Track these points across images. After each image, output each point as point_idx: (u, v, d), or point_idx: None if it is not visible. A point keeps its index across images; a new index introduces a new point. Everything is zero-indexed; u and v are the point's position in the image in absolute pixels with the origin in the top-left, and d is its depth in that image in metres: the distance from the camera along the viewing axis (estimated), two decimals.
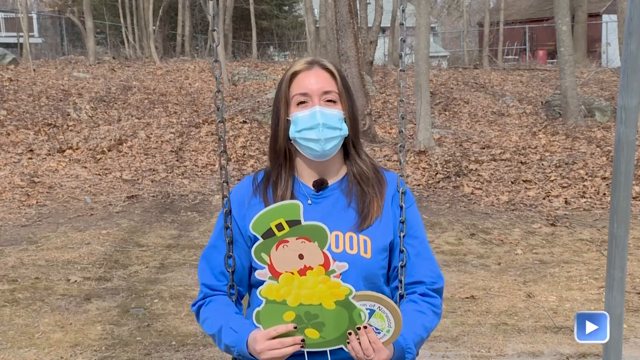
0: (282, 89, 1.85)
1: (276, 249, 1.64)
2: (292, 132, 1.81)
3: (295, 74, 1.84)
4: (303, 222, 1.64)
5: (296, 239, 1.63)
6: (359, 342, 1.65)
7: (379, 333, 1.67)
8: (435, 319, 1.85)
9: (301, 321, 1.65)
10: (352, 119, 1.85)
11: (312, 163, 1.85)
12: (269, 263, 1.64)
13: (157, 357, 4.15)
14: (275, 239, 1.64)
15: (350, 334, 1.64)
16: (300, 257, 1.63)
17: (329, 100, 1.81)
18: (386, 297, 1.68)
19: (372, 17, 18.57)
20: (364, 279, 1.79)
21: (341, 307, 1.63)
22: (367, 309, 1.67)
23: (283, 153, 1.86)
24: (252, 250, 1.65)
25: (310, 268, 1.63)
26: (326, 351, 1.68)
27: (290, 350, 1.64)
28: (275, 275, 1.64)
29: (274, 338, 1.64)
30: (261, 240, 1.65)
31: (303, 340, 1.65)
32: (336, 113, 1.81)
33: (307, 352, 1.69)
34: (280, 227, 1.64)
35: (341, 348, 1.68)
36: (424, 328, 1.81)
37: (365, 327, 1.64)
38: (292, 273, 1.63)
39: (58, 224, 7.31)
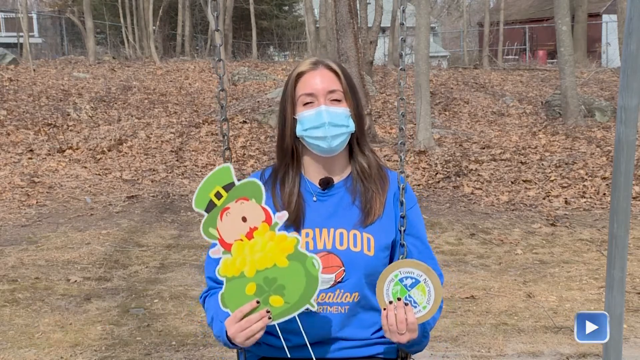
0: (288, 90, 1.89)
1: (221, 219, 1.68)
2: (299, 131, 1.86)
3: (300, 75, 1.88)
4: (236, 183, 1.68)
5: (235, 202, 1.67)
6: (395, 314, 1.70)
7: (416, 307, 1.71)
8: (438, 313, 1.90)
9: (262, 290, 1.68)
10: (357, 116, 1.89)
11: (319, 160, 1.89)
12: (219, 237, 1.68)
13: (157, 357, 4.15)
14: (217, 209, 1.68)
15: (390, 302, 1.69)
16: (244, 219, 1.67)
17: (334, 100, 1.86)
18: (434, 271, 1.71)
19: (372, 17, 18.57)
20: (366, 275, 1.83)
21: (294, 262, 1.67)
22: (412, 278, 1.69)
23: (290, 151, 1.91)
24: (201, 228, 1.70)
25: (256, 228, 1.67)
26: (297, 323, 1.71)
27: (260, 325, 1.67)
28: (227, 247, 1.68)
29: (242, 319, 1.69)
30: (206, 215, 1.69)
31: (269, 312, 1.68)
32: (342, 111, 1.85)
33: (279, 326, 1.71)
34: (218, 195, 1.68)
35: (307, 310, 1.69)
36: (432, 318, 1.86)
37: (406, 305, 1.70)
38: (241, 240, 1.67)
39: (58, 224, 7.31)
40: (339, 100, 1.86)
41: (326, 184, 1.89)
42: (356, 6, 12.02)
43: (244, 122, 12.49)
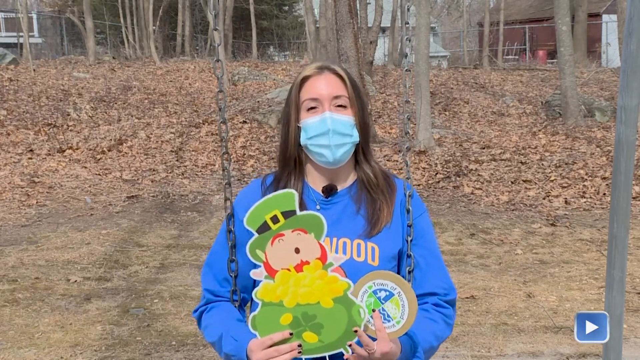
0: (292, 95, 1.83)
1: (272, 244, 1.59)
2: (303, 139, 1.80)
3: (305, 79, 1.82)
4: (298, 212, 1.59)
5: (292, 231, 1.58)
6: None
7: (389, 321, 1.62)
8: (447, 330, 1.82)
9: (299, 324, 1.59)
10: (362, 124, 1.82)
11: (323, 169, 1.83)
12: (265, 260, 1.59)
13: (157, 357, 4.15)
14: (270, 232, 1.59)
15: (356, 331, 1.58)
16: (297, 251, 1.58)
17: (339, 105, 1.79)
18: (408, 284, 1.63)
19: (372, 17, 18.57)
20: None
21: (339, 305, 1.58)
22: (386, 291, 1.61)
23: (293, 160, 1.84)
24: (247, 247, 1.60)
25: (307, 263, 1.58)
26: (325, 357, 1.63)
27: (288, 357, 1.59)
28: (271, 273, 1.59)
29: (270, 346, 1.60)
30: (256, 235, 1.60)
31: (300, 346, 1.59)
32: (347, 119, 1.79)
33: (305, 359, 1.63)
34: (275, 219, 1.59)
35: (340, 352, 1.61)
36: (435, 336, 1.78)
37: (373, 311, 1.60)
38: (289, 270, 1.58)
39: (58, 224, 7.31)
40: (344, 107, 1.79)
41: (329, 191, 1.82)
42: (356, 6, 12.01)
43: (244, 122, 12.49)
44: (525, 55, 29.00)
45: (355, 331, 1.58)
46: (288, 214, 1.59)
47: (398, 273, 1.81)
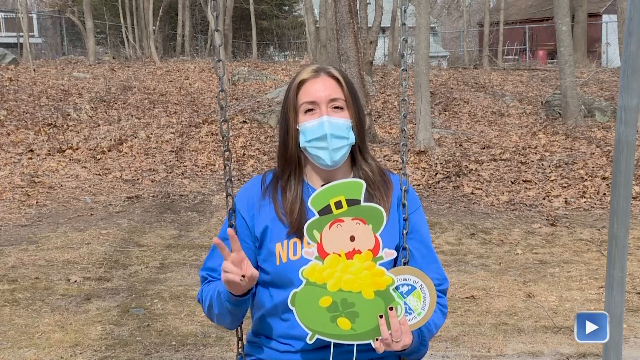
0: (290, 98, 1.86)
1: (329, 228, 1.64)
2: (302, 142, 1.84)
3: (302, 83, 1.86)
4: (362, 203, 1.64)
5: (352, 219, 1.64)
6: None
7: (410, 314, 1.68)
8: (442, 318, 1.89)
9: (336, 309, 1.64)
10: (359, 124, 1.87)
11: (321, 169, 1.87)
12: (319, 242, 1.64)
13: (157, 357, 4.15)
14: (331, 216, 1.64)
15: (381, 316, 1.65)
16: (352, 239, 1.63)
17: (336, 107, 1.83)
18: (428, 277, 1.69)
19: (372, 17, 18.57)
20: None
21: (379, 299, 1.63)
22: (408, 285, 1.67)
23: (293, 161, 1.88)
24: (305, 225, 1.65)
25: (359, 252, 1.63)
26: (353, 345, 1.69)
27: (233, 276, 1.66)
28: (322, 255, 1.64)
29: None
30: (317, 216, 1.64)
31: (244, 277, 1.66)
32: (343, 122, 1.83)
33: (334, 344, 1.68)
34: (339, 204, 1.64)
35: (369, 343, 1.67)
36: (434, 324, 1.85)
37: (391, 309, 1.66)
38: (339, 255, 1.63)
39: (58, 224, 7.31)
40: (341, 108, 1.84)
41: None
42: (356, 6, 12.02)
43: (244, 122, 12.49)
44: (525, 55, 29.00)
45: (391, 309, 1.65)
46: (352, 202, 1.64)
47: (394, 266, 1.87)
